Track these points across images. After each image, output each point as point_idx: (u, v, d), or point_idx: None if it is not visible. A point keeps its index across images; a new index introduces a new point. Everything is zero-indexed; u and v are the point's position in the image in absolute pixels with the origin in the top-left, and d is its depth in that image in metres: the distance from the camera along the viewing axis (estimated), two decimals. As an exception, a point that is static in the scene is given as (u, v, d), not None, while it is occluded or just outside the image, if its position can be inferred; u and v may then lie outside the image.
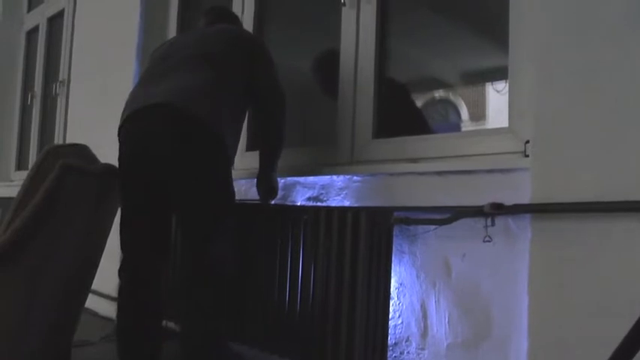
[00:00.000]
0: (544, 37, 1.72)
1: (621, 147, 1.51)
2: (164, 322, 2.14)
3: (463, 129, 3.06)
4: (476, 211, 1.73)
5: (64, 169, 1.70)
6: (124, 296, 2.05)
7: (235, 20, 2.50)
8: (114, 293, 3.11)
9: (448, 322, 1.93)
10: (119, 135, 2.06)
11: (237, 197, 2.14)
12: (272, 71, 2.20)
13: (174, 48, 2.19)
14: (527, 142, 1.73)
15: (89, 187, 1.88)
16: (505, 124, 1.93)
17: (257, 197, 2.32)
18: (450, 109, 2.85)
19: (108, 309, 3.23)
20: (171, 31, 3.40)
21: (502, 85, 2.20)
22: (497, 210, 1.64)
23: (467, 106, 2.98)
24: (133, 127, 2.00)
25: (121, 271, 2.05)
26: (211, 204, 1.99)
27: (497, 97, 2.32)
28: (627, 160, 1.49)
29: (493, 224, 1.74)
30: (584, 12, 1.62)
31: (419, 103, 2.55)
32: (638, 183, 1.46)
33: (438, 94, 2.68)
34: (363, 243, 1.95)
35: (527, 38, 1.84)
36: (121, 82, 3.28)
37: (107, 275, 2.37)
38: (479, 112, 3.00)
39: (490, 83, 2.72)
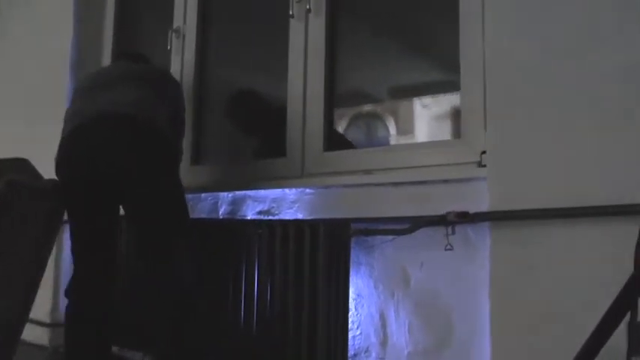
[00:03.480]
0: (496, 48, 1.79)
1: (577, 154, 1.59)
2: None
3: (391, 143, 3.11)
4: (438, 220, 1.77)
5: (10, 185, 1.59)
6: (72, 318, 1.96)
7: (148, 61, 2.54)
8: (44, 318, 2.97)
9: (408, 330, 1.95)
10: (64, 148, 2.00)
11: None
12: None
13: (106, 71, 2.36)
14: (484, 152, 1.80)
15: (36, 204, 1.77)
16: (431, 137, 2.11)
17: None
18: (379, 123, 2.88)
19: (40, 336, 3.02)
20: (107, 44, 3.27)
21: (428, 100, 2.28)
22: (463, 218, 1.68)
23: (394, 120, 3.04)
24: (82, 137, 1.98)
25: (69, 291, 1.97)
26: (168, 207, 1.99)
27: (422, 112, 2.37)
28: (583, 167, 1.58)
29: (454, 233, 1.78)
30: (537, 25, 1.71)
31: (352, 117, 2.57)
32: (595, 189, 1.55)
33: (368, 107, 2.71)
34: (322, 256, 1.95)
35: (477, 51, 1.90)
36: (52, 98, 3.13)
37: (37, 301, 2.22)
38: (406, 127, 3.07)
39: (417, 98, 2.76)
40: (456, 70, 2.02)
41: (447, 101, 2.22)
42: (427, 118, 2.34)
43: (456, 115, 2.18)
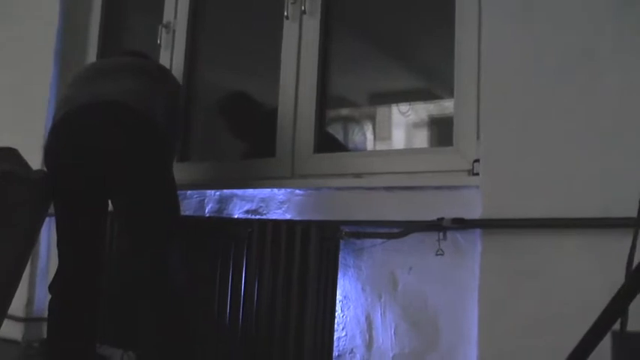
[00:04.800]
0: (491, 56, 1.83)
1: (569, 166, 1.64)
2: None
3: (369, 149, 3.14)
4: (431, 225, 1.80)
5: (3, 177, 1.55)
6: (56, 314, 1.92)
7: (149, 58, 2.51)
8: (18, 312, 2.90)
9: (394, 333, 1.97)
10: (53, 136, 1.96)
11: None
12: None
13: (105, 62, 2.33)
14: (477, 160, 1.83)
15: (25, 196, 1.74)
16: (408, 144, 2.22)
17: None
18: (368, 126, 2.91)
19: (11, 330, 2.94)
20: (93, 36, 3.21)
21: (406, 107, 2.32)
22: (458, 224, 1.71)
23: (372, 126, 3.06)
24: (71, 124, 1.93)
25: (53, 286, 1.93)
26: (157, 202, 1.96)
27: (400, 119, 2.40)
28: (575, 179, 1.62)
29: (445, 238, 1.81)
30: (533, 34, 1.75)
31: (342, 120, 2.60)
32: (586, 200, 1.59)
33: (359, 110, 2.72)
34: (313, 257, 1.96)
35: (472, 59, 1.94)
36: (37, 86, 3.07)
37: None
38: (383, 133, 3.10)
39: (395, 105, 2.78)
40: (450, 76, 2.06)
41: (438, 108, 2.26)
42: (419, 125, 2.37)
43: (447, 122, 2.22)
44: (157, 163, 1.98)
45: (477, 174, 1.83)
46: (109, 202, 2.05)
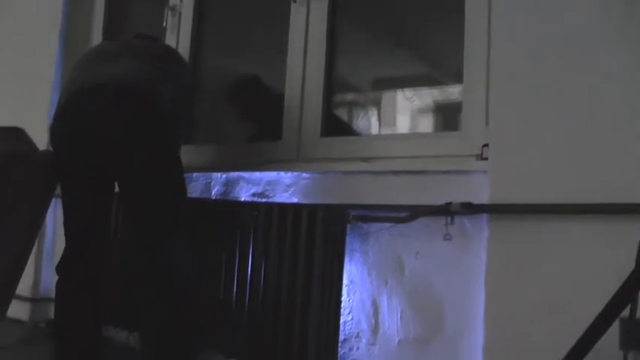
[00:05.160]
0: (500, 42, 1.81)
1: (578, 151, 1.63)
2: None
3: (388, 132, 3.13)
4: (439, 210, 1.79)
5: (10, 155, 1.55)
6: (63, 295, 1.93)
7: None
8: (24, 293, 2.91)
9: (400, 318, 1.97)
10: (57, 118, 1.93)
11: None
12: None
13: (110, 44, 2.28)
14: (485, 145, 1.82)
15: (33, 176, 1.73)
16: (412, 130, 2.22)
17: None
18: (375, 110, 2.90)
19: (18, 310, 2.97)
20: (98, 16, 3.19)
21: (411, 93, 2.31)
22: (467, 209, 1.71)
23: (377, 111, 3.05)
24: (75, 108, 1.91)
25: (60, 267, 1.93)
26: (162, 187, 1.93)
27: (405, 104, 2.39)
28: (584, 164, 1.61)
29: (452, 223, 1.81)
30: (543, 20, 1.73)
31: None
32: (594, 186, 1.59)
33: (366, 95, 2.71)
34: (319, 241, 1.96)
35: (482, 44, 1.92)
36: (42, 67, 3.06)
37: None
38: (388, 118, 3.08)
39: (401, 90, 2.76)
40: (456, 62, 2.04)
41: (443, 94, 2.25)
42: (423, 110, 2.36)
43: (452, 108, 2.21)
44: (160, 150, 1.94)
45: (486, 159, 1.81)
46: (115, 184, 2.04)
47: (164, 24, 2.83)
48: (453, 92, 2.22)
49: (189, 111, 2.29)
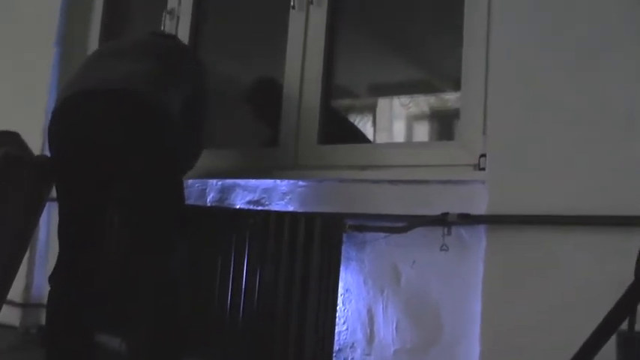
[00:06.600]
0: (499, 51, 1.81)
1: (577, 162, 1.62)
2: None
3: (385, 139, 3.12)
4: (436, 220, 1.78)
5: (6, 159, 1.53)
6: (55, 303, 1.90)
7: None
8: (16, 298, 2.88)
9: (396, 328, 1.96)
10: (54, 120, 1.88)
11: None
12: None
13: (117, 42, 2.21)
14: (483, 155, 1.81)
15: (28, 179, 1.71)
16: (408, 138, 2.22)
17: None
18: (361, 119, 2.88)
19: (9, 316, 2.93)
20: (95, 19, 3.18)
21: (407, 100, 2.30)
22: (464, 220, 1.69)
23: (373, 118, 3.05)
24: (71, 110, 1.86)
25: (53, 277, 1.90)
26: (161, 197, 1.88)
27: (401, 111, 2.39)
28: (583, 176, 1.61)
29: (449, 233, 1.80)
30: (541, 29, 1.74)
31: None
32: (593, 198, 1.58)
33: (364, 101, 2.70)
34: (315, 249, 1.94)
35: (480, 53, 1.92)
36: (38, 70, 3.05)
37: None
38: (385, 125, 3.07)
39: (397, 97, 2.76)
40: (453, 70, 2.04)
41: (440, 102, 2.25)
42: (420, 118, 2.35)
43: (448, 115, 2.21)
44: (160, 159, 1.87)
45: (483, 169, 1.81)
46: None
47: (162, 28, 2.81)
48: (449, 99, 2.22)
49: (202, 114, 2.14)
